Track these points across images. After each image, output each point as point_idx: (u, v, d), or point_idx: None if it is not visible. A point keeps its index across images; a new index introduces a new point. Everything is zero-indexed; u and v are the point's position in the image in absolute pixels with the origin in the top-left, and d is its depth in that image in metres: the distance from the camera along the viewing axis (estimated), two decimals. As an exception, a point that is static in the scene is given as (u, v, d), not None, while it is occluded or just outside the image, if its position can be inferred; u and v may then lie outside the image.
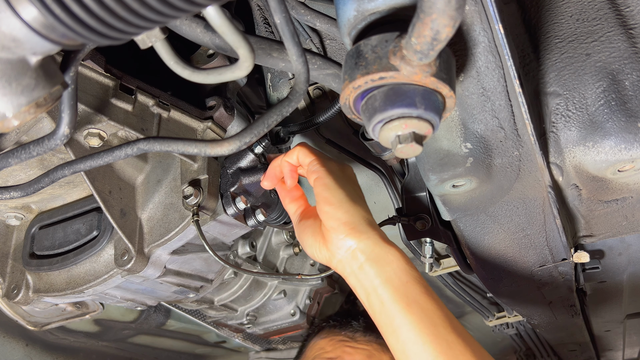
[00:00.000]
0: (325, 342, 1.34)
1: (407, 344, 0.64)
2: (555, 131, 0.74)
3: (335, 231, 0.70)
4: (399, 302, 0.65)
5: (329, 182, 0.72)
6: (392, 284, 0.67)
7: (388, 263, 0.68)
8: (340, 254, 0.70)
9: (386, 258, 0.68)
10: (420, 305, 0.65)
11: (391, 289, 0.66)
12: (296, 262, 1.48)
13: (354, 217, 0.70)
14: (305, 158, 0.77)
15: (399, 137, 0.53)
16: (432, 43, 0.44)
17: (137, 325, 1.57)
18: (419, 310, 0.65)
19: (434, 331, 0.64)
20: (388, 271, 0.67)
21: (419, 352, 0.63)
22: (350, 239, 0.69)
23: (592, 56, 0.71)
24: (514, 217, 0.85)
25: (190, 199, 0.85)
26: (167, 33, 0.54)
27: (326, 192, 0.72)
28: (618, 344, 2.23)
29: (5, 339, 1.32)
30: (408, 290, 0.66)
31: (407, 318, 0.65)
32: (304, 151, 0.78)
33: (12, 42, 0.40)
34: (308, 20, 0.78)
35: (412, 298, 0.66)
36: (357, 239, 0.69)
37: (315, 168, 0.75)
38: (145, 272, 0.91)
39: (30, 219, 1.03)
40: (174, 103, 0.89)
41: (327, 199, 0.71)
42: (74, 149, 0.79)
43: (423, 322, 0.64)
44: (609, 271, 1.35)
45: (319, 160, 0.75)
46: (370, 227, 0.71)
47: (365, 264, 0.68)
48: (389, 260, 0.68)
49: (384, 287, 0.67)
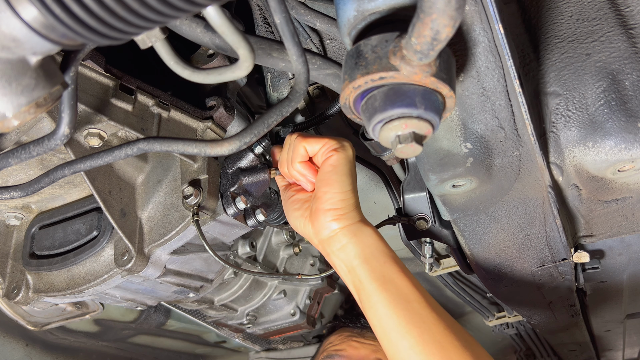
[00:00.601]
0: (334, 337, 1.43)
1: (383, 318, 0.69)
2: (555, 131, 0.74)
3: (325, 214, 0.73)
4: (375, 281, 0.70)
5: (338, 163, 0.74)
6: (370, 264, 0.71)
7: (367, 245, 0.72)
8: (324, 234, 0.74)
9: (366, 241, 0.73)
10: (395, 283, 0.70)
11: (369, 268, 0.71)
12: (296, 262, 1.48)
13: (345, 204, 0.73)
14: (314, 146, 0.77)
15: (399, 137, 0.54)
16: (432, 43, 0.44)
17: (137, 325, 1.57)
18: (393, 288, 0.69)
19: (407, 306, 0.68)
20: (367, 253, 0.72)
21: (394, 325, 0.68)
22: (336, 222, 0.73)
23: (592, 56, 0.71)
24: (514, 217, 0.85)
25: (190, 199, 0.85)
26: (167, 33, 0.54)
27: (334, 173, 0.74)
28: (618, 344, 2.22)
29: (5, 339, 1.32)
30: (384, 269, 0.71)
31: (382, 295, 0.69)
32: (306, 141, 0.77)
33: (12, 42, 0.40)
34: (308, 20, 0.78)
35: (387, 277, 0.70)
36: (343, 224, 0.73)
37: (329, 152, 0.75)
38: (145, 272, 0.91)
39: (30, 219, 1.03)
40: (174, 103, 0.89)
41: (331, 180, 0.73)
42: (74, 149, 0.79)
43: (397, 299, 0.69)
44: (609, 271, 1.35)
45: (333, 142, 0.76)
46: (355, 212, 0.75)
47: (347, 245, 0.72)
48: (368, 243, 0.73)
49: (362, 266, 0.71)
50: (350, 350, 1.33)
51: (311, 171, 0.78)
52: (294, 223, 0.80)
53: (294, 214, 0.79)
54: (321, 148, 0.76)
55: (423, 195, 0.95)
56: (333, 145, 0.75)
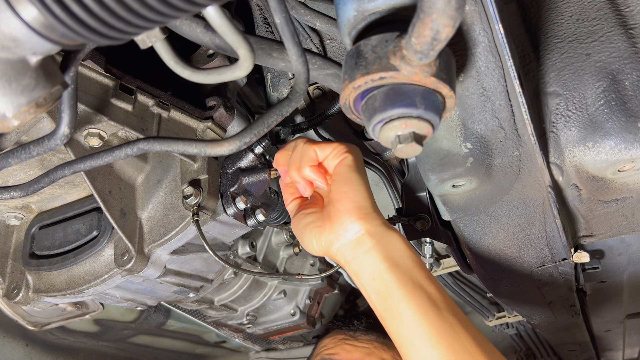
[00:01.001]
0: (328, 340, 1.40)
1: (412, 326, 0.65)
2: (555, 131, 0.74)
3: (349, 213, 0.69)
4: (405, 286, 0.66)
5: (353, 164, 0.72)
6: (399, 268, 0.68)
7: (395, 249, 0.69)
8: (347, 238, 0.70)
9: (393, 244, 0.69)
10: (425, 289, 0.67)
11: (398, 273, 0.67)
12: (296, 262, 1.48)
13: (367, 202, 0.71)
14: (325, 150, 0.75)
15: (399, 137, 0.54)
16: (432, 43, 0.44)
17: (137, 325, 1.57)
18: (423, 294, 0.66)
19: (437, 314, 0.65)
20: (395, 256, 0.68)
21: (423, 334, 0.64)
22: (361, 222, 0.69)
23: (592, 56, 0.71)
24: (514, 217, 0.85)
25: (190, 199, 0.85)
26: (167, 33, 0.54)
27: (350, 173, 0.71)
28: (618, 344, 2.23)
29: (5, 339, 1.32)
30: (413, 275, 0.67)
31: (412, 301, 0.66)
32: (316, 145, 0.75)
33: (12, 42, 0.40)
34: (308, 20, 0.78)
35: (417, 283, 0.67)
36: (368, 224, 0.69)
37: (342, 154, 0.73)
38: (145, 272, 0.91)
39: (30, 219, 1.03)
40: (174, 103, 0.89)
41: (349, 179, 0.71)
42: (74, 149, 0.79)
43: (427, 306, 0.65)
44: (609, 271, 1.35)
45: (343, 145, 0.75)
46: (378, 213, 0.72)
47: (373, 248, 0.68)
48: (396, 246, 0.69)
49: (391, 271, 0.67)
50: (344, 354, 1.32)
51: (321, 175, 0.75)
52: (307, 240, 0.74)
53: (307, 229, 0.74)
54: (332, 152, 0.74)
55: (423, 195, 0.95)
56: (343, 147, 0.74)
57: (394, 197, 1.08)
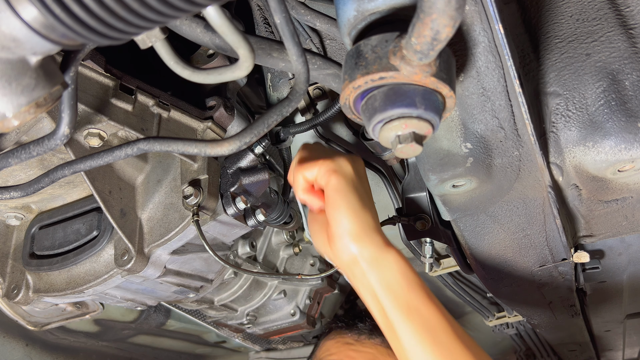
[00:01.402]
0: (331, 343, 1.37)
1: (408, 349, 0.66)
2: (555, 131, 0.74)
3: (340, 238, 0.69)
4: (399, 310, 0.67)
5: (339, 185, 0.70)
6: (393, 291, 0.68)
7: (389, 270, 0.69)
8: (342, 260, 0.70)
9: (387, 265, 0.69)
10: (420, 312, 0.67)
11: (391, 296, 0.68)
12: (296, 262, 1.48)
13: (358, 225, 0.69)
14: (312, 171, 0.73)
15: (399, 137, 0.54)
16: (432, 43, 0.44)
17: (137, 325, 1.57)
18: (418, 318, 0.67)
19: (433, 338, 0.66)
20: (389, 278, 0.68)
21: (420, 357, 0.66)
22: (352, 245, 0.69)
23: (592, 56, 0.71)
24: (514, 217, 0.85)
25: (190, 199, 0.85)
26: (167, 33, 0.54)
27: (336, 195, 0.70)
28: (618, 344, 2.22)
29: (5, 339, 1.32)
30: (409, 297, 0.68)
31: (407, 325, 0.66)
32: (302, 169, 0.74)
33: (12, 42, 0.40)
34: (308, 20, 0.78)
35: (412, 305, 0.67)
36: (360, 246, 0.69)
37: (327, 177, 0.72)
38: (145, 272, 0.91)
39: (30, 219, 1.03)
40: (174, 103, 0.89)
41: (336, 204, 0.70)
42: (74, 149, 0.79)
43: (422, 329, 0.66)
44: (609, 271, 1.35)
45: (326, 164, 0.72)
46: (374, 233, 0.71)
47: (366, 273, 0.69)
48: (389, 267, 0.69)
49: (385, 294, 0.68)
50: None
51: (316, 197, 0.75)
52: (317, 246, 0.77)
53: (316, 236, 0.76)
54: (317, 173, 0.73)
55: (423, 195, 0.95)
56: (328, 167, 0.71)
57: (394, 197, 1.08)
